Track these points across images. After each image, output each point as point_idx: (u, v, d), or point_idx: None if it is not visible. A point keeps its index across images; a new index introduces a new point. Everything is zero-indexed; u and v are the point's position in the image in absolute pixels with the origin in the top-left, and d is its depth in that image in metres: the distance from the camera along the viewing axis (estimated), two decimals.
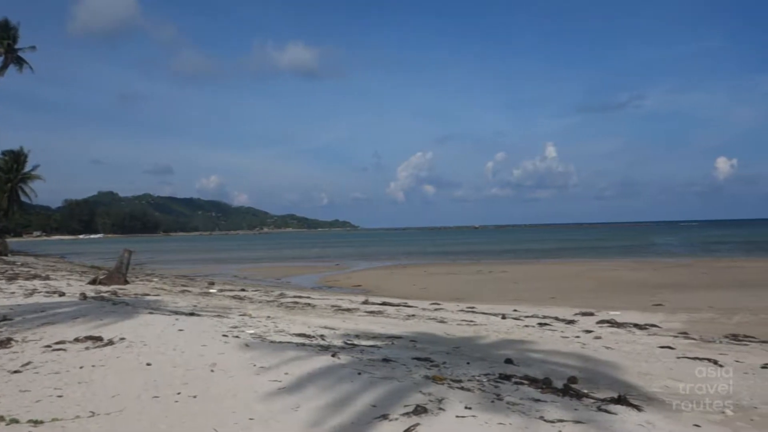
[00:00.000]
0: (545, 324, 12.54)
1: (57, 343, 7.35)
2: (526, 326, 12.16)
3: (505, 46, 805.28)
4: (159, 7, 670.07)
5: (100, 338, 7.68)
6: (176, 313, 10.93)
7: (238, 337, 8.42)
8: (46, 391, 5.38)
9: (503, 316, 13.77)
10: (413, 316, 13.78)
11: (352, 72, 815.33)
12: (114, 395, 5.28)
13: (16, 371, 6.08)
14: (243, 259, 54.31)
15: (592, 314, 14.28)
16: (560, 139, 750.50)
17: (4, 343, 7.34)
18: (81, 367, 6.25)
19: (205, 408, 4.98)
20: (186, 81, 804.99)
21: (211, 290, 20.29)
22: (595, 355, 8.55)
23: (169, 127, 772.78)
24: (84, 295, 13.64)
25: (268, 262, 48.72)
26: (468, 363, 7.36)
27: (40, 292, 14.18)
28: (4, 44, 48.52)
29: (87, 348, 7.20)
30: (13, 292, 13.96)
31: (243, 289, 21.23)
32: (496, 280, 27.75)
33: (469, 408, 4.97)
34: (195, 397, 5.27)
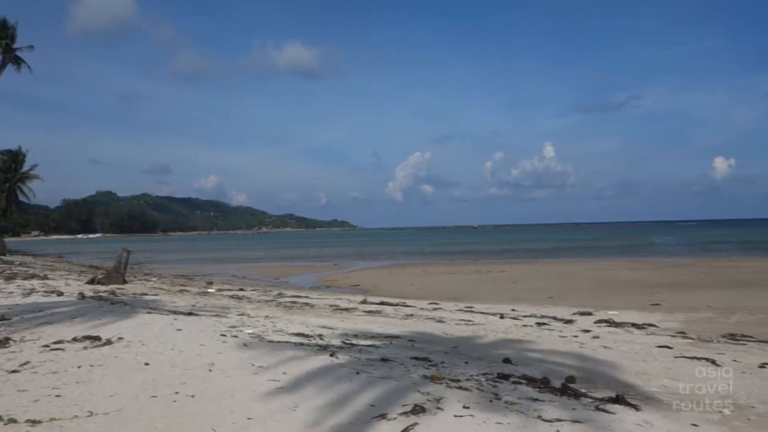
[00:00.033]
0: (543, 323, 12.55)
1: (55, 343, 7.35)
2: (525, 326, 12.17)
3: (505, 46, 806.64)
4: (157, 7, 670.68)
5: (98, 338, 7.67)
6: (174, 313, 10.92)
7: (236, 336, 8.41)
8: (44, 390, 5.37)
9: (501, 316, 13.78)
10: (411, 315, 13.78)
11: (352, 72, 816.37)
12: (112, 395, 5.28)
13: (14, 371, 6.07)
14: (241, 259, 54.36)
15: (590, 314, 14.30)
16: (558, 139, 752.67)
17: (2, 343, 7.34)
18: (79, 367, 6.24)
19: (203, 407, 4.97)
20: (185, 81, 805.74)
21: (210, 290, 20.27)
22: (593, 354, 8.56)
23: (167, 127, 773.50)
24: (82, 295, 13.63)
25: (267, 262, 48.76)
26: (466, 362, 7.36)
27: (38, 292, 14.15)
28: (2, 44, 48.48)
29: (85, 348, 7.20)
30: (11, 292, 13.92)
31: (241, 289, 21.23)
32: (495, 280, 27.77)
33: (468, 407, 4.97)
34: (193, 397, 5.27)
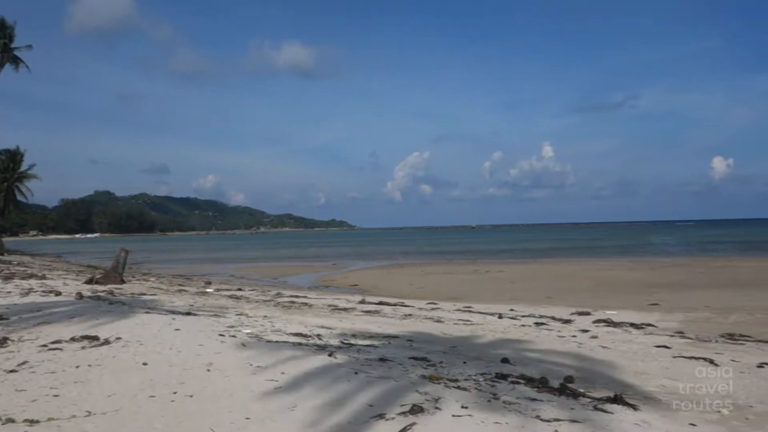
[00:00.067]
0: (542, 323, 12.55)
1: (53, 343, 7.35)
2: (523, 326, 12.17)
3: (505, 46, 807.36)
4: (155, 6, 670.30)
5: (96, 338, 7.67)
6: (173, 313, 10.91)
7: (234, 336, 8.41)
8: (42, 390, 5.37)
9: (500, 316, 13.79)
10: (410, 315, 13.78)
11: (351, 72, 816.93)
12: (110, 395, 5.27)
13: (12, 371, 6.07)
14: (240, 259, 54.33)
15: (588, 314, 14.31)
16: (557, 139, 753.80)
17: (1, 343, 7.34)
18: (77, 367, 6.24)
19: (202, 407, 4.97)
20: (183, 80, 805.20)
21: (208, 290, 20.26)
22: (592, 354, 8.56)
23: (166, 127, 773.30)
24: (80, 295, 13.61)
25: (265, 262, 48.73)
26: (464, 362, 7.36)
27: (36, 292, 14.14)
28: (1, 43, 48.36)
29: (83, 347, 7.19)
30: (10, 292, 13.91)
31: (240, 289, 21.21)
32: (493, 280, 27.77)
33: (466, 407, 4.97)
34: (191, 397, 5.26)
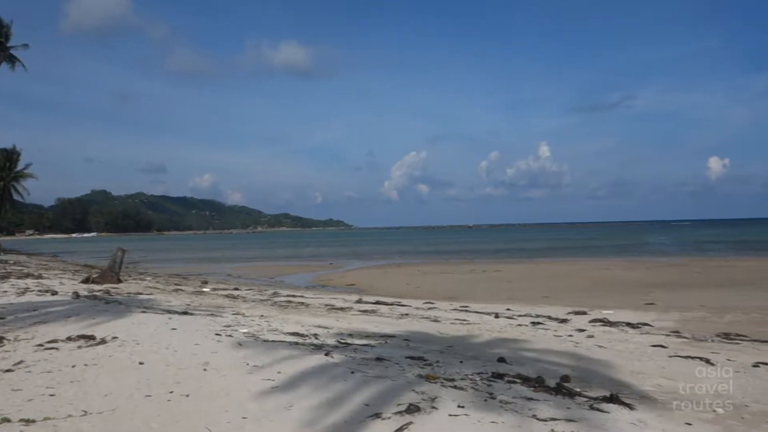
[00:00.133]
0: (538, 323, 12.57)
1: (49, 342, 7.32)
2: (519, 325, 12.19)
3: (505, 46, 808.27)
4: (152, 6, 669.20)
5: (92, 337, 7.65)
6: (169, 312, 10.90)
7: (231, 336, 8.40)
8: (38, 390, 5.35)
9: (496, 315, 13.80)
10: (407, 315, 13.78)
11: (349, 71, 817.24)
12: (106, 394, 5.26)
13: (8, 370, 6.05)
14: (236, 258, 54.25)
15: (585, 313, 14.35)
16: (554, 139, 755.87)
17: None
18: (73, 366, 6.22)
19: (198, 407, 4.97)
20: (180, 80, 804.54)
21: (205, 289, 20.24)
22: (588, 353, 8.58)
23: (163, 126, 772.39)
24: (77, 294, 13.58)
25: (262, 261, 48.69)
26: (461, 362, 7.37)
27: (32, 291, 14.11)
28: None
29: (79, 347, 7.17)
30: (6, 291, 13.88)
31: (236, 288, 21.19)
32: (490, 280, 27.80)
33: (462, 407, 4.98)
34: (188, 396, 5.25)
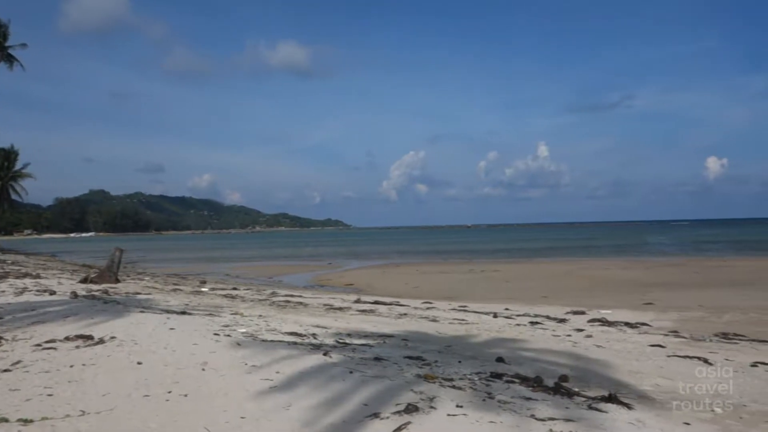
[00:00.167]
0: (537, 323, 12.58)
1: (47, 342, 7.31)
2: (518, 325, 12.19)
3: (505, 47, 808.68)
4: (150, 5, 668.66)
5: (90, 337, 7.64)
6: (167, 312, 10.89)
7: (229, 335, 8.39)
8: (36, 389, 5.34)
9: (495, 315, 13.81)
10: (405, 314, 13.78)
11: (349, 71, 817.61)
12: (104, 394, 5.25)
13: (6, 370, 6.04)
14: (235, 258, 54.25)
15: (583, 313, 14.36)
16: (552, 139, 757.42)
17: None
18: (71, 366, 6.21)
19: (196, 407, 4.96)
20: (179, 80, 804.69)
21: (203, 289, 20.22)
22: (587, 353, 8.59)
23: (161, 126, 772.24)
24: (75, 294, 13.57)
25: (260, 261, 48.68)
26: (459, 361, 7.37)
27: (30, 291, 14.09)
28: None
29: (77, 347, 7.16)
30: (3, 291, 13.86)
31: (235, 288, 21.17)
32: (488, 279, 27.82)
33: (461, 406, 4.98)
34: (186, 396, 5.25)
